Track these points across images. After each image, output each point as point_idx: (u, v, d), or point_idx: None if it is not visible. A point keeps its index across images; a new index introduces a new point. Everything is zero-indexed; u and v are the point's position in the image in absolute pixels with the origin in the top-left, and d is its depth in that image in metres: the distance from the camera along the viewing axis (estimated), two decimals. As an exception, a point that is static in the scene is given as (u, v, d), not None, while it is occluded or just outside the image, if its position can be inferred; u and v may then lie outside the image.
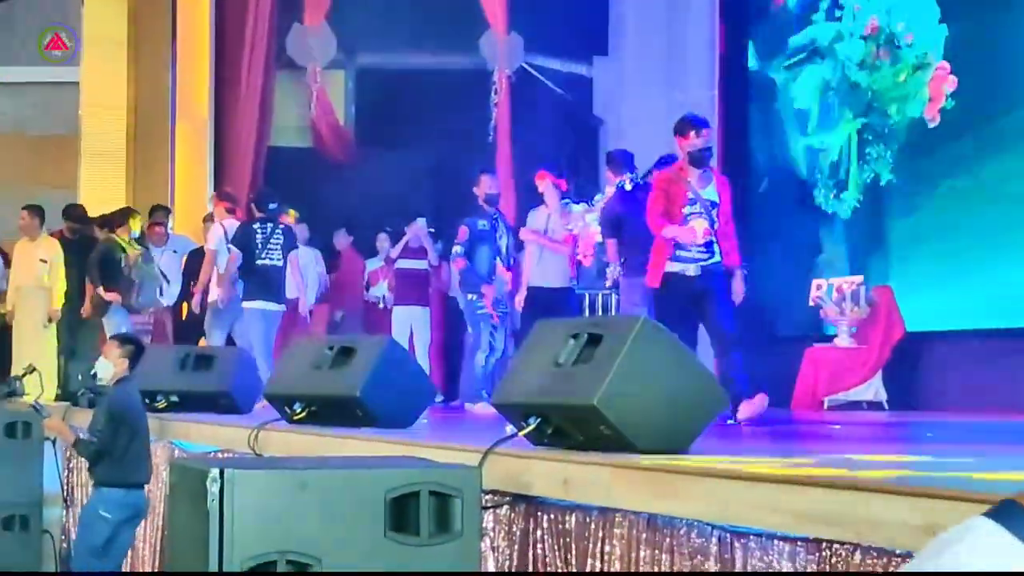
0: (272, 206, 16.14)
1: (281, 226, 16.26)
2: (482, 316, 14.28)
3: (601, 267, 14.42)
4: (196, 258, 16.86)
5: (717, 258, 8.54)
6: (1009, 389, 12.04)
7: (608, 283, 13.98)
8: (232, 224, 16.38)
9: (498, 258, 15.04)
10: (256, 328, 15.52)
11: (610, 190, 12.70)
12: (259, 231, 15.88)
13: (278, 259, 15.89)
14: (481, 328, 14.31)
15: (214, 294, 16.10)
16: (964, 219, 13.27)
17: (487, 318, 14.25)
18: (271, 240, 15.89)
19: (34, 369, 12.95)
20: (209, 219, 16.64)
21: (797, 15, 16.20)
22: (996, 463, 6.90)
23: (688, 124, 8.52)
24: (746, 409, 8.07)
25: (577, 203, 15.28)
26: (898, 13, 14.80)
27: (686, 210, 8.53)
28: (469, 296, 14.71)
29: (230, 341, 15.55)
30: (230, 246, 15.99)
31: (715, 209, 8.47)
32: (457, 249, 15.11)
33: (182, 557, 6.51)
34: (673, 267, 8.44)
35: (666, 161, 13.35)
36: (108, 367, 10.13)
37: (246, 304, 15.76)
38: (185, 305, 17.28)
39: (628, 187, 12.53)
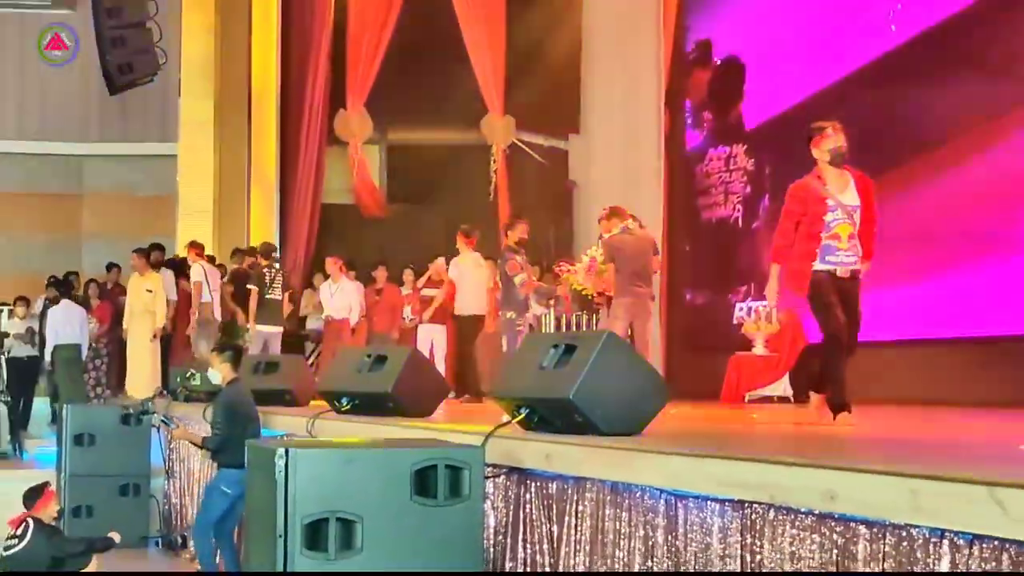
0: (275, 255, 16.31)
1: (282, 269, 16.29)
2: (519, 331, 14.17)
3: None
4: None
5: (859, 265, 7.40)
6: (886, 387, 12.03)
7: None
8: (205, 263, 16.51)
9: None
10: (258, 344, 15.76)
11: (613, 227, 12.52)
12: (266, 273, 15.89)
13: (279, 294, 15.98)
14: (512, 339, 14.21)
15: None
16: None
17: (519, 332, 14.15)
18: (275, 280, 15.96)
19: (163, 392, 12.96)
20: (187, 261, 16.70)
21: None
22: (874, 445, 6.96)
23: (819, 127, 7.28)
24: (847, 419, 7.21)
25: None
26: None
27: (827, 217, 7.24)
28: (509, 314, 14.67)
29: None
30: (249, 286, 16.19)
31: (857, 212, 7.23)
32: (522, 277, 15.08)
33: (257, 517, 6.52)
34: (824, 266, 7.23)
35: (605, 212, 13.35)
36: (216, 374, 10.02)
37: (258, 327, 15.82)
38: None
39: (629, 225, 12.49)
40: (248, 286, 16.05)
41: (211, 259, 17.02)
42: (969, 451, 6.33)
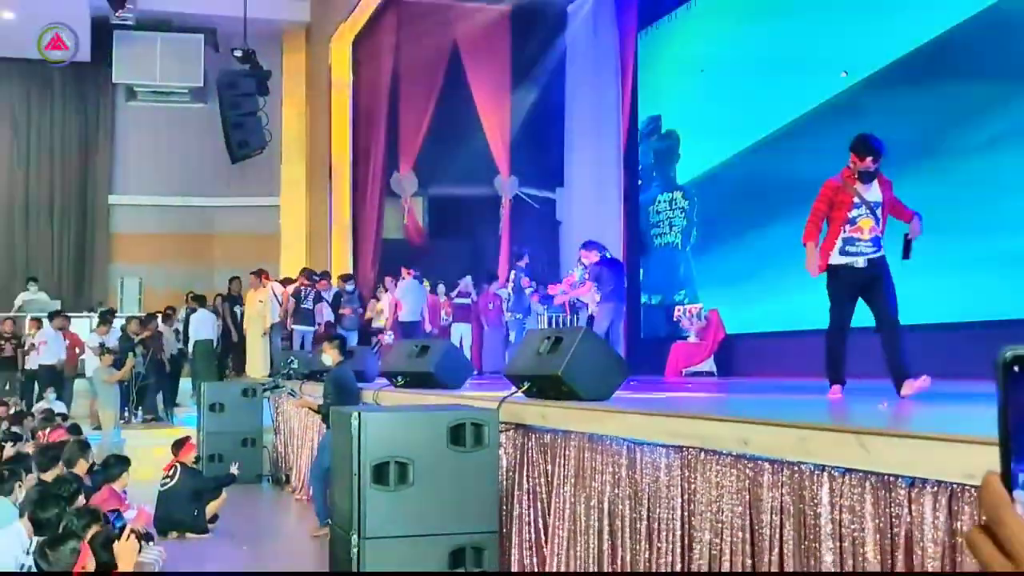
0: (315, 277, 16.53)
1: (315, 289, 16.37)
2: (525, 327, 14.23)
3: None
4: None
5: (882, 252, 6.72)
6: (782, 362, 11.99)
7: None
8: (275, 285, 16.82)
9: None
10: (297, 339, 15.94)
11: (594, 257, 12.51)
12: (302, 290, 15.98)
13: (310, 304, 16.06)
14: (520, 333, 14.33)
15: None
16: (765, 266, 13.20)
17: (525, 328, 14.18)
18: (310, 296, 16.06)
19: (276, 385, 13.04)
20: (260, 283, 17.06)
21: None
22: (775, 401, 6.95)
23: (868, 148, 6.59)
24: (910, 387, 6.36)
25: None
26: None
27: (852, 213, 6.70)
28: (518, 315, 14.96)
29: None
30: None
31: (879, 208, 6.70)
32: (530, 289, 15.53)
33: (340, 461, 6.56)
34: (843, 260, 6.72)
35: (592, 244, 13.31)
36: (328, 357, 9.93)
37: (295, 327, 15.99)
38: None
39: (608, 255, 12.49)
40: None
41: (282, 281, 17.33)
42: (845, 409, 6.33)
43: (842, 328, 6.95)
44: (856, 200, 6.70)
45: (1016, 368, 0.83)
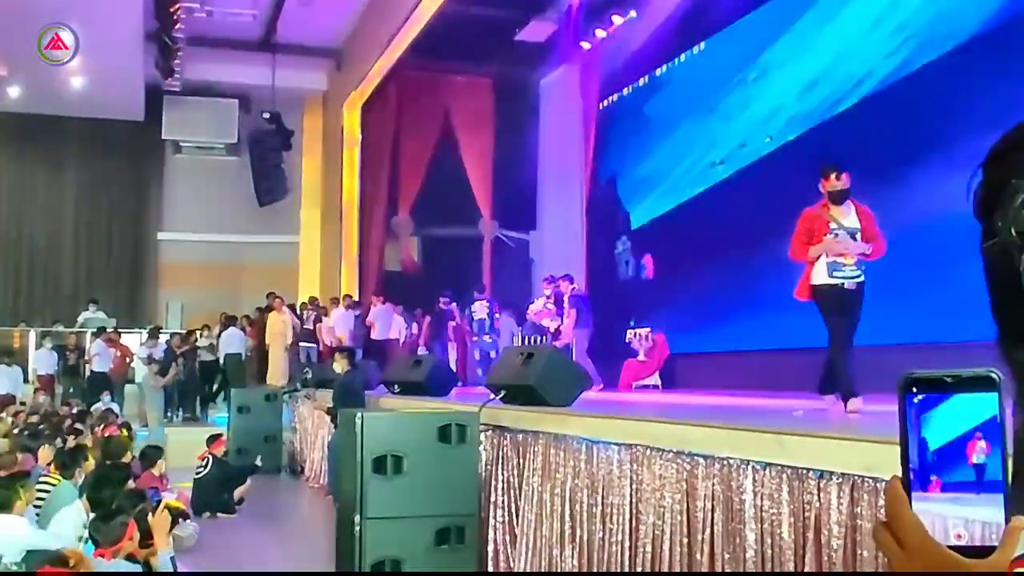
0: (317, 302, 17.01)
1: (317, 312, 16.70)
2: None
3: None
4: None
5: (863, 278, 5.93)
6: (717, 377, 11.99)
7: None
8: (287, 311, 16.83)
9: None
10: (303, 353, 16.09)
11: (568, 288, 12.57)
12: (304, 314, 16.56)
13: (311, 325, 16.47)
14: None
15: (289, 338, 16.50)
16: (702, 297, 13.24)
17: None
18: (311, 318, 16.47)
19: (295, 389, 12.92)
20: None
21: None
22: (709, 408, 6.94)
23: (830, 168, 5.98)
24: (855, 404, 5.68)
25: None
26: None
27: (828, 238, 5.89)
28: (486, 338, 14.77)
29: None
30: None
31: (858, 234, 5.87)
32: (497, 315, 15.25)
33: (345, 454, 6.53)
34: (831, 280, 5.84)
35: (569, 278, 13.33)
36: (339, 366, 9.84)
37: (301, 344, 16.33)
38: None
39: (579, 289, 12.64)
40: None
41: (291, 307, 17.38)
42: (767, 414, 6.35)
43: (843, 340, 6.11)
44: (833, 225, 5.94)
45: (915, 389, 0.84)
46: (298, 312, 17.10)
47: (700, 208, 13.51)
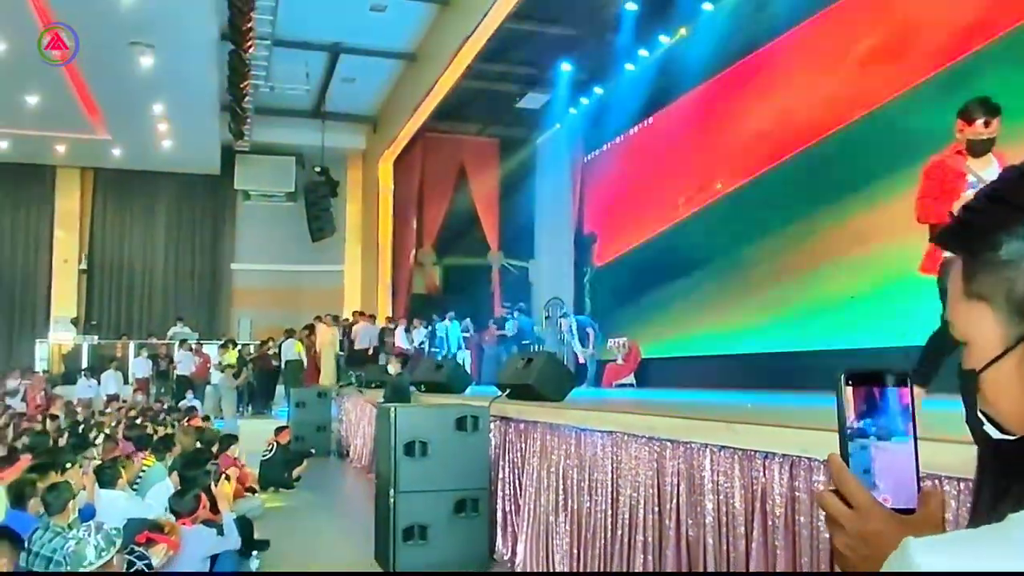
0: (344, 319, 17.00)
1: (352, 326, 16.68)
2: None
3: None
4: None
5: None
6: (681, 377, 11.95)
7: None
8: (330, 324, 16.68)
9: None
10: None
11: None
12: (342, 328, 16.50)
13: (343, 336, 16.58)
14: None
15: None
16: (667, 314, 13.21)
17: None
18: (347, 331, 16.49)
19: (348, 383, 12.76)
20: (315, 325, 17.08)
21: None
22: (676, 401, 6.90)
23: (979, 108, 3.70)
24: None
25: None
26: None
27: (967, 194, 3.58)
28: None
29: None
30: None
31: None
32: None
33: (381, 441, 6.50)
34: None
35: (554, 300, 13.35)
36: (393, 368, 9.72)
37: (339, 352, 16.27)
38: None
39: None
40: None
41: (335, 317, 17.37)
42: (722, 407, 6.30)
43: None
44: (972, 179, 3.75)
45: (850, 382, 0.84)
46: (342, 327, 17.07)
47: (665, 241, 13.52)
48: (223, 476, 5.70)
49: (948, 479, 2.55)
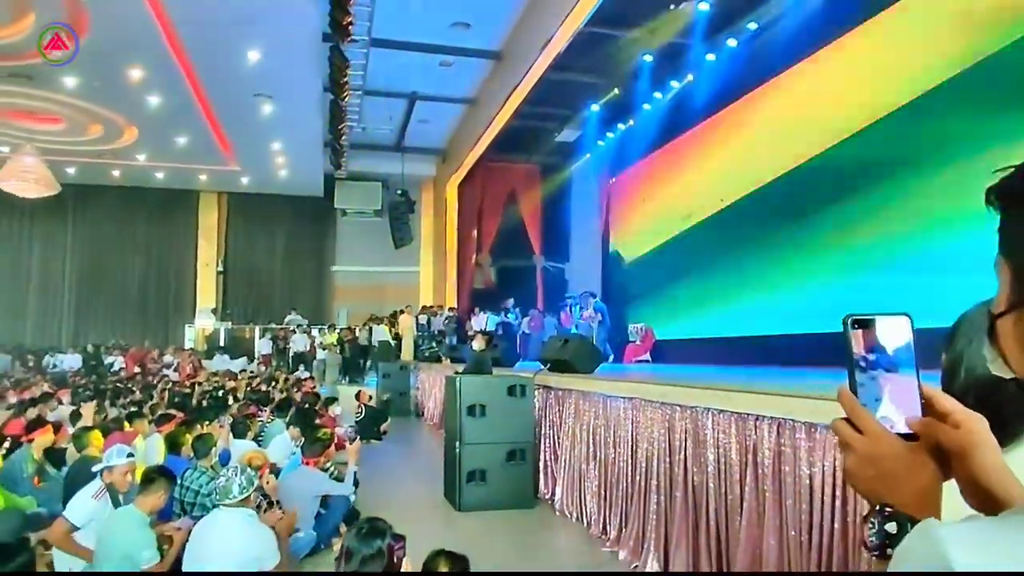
0: (429, 309, 16.70)
1: (428, 315, 16.48)
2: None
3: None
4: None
5: None
6: (691, 355, 11.77)
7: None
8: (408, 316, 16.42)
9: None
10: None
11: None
12: (418, 317, 16.26)
13: (424, 322, 16.23)
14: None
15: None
16: (679, 303, 13.02)
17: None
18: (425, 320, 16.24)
19: (424, 357, 12.70)
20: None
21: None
22: (684, 373, 6.81)
23: None
24: None
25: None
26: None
27: None
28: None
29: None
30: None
31: None
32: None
33: (450, 407, 6.53)
34: None
35: (591, 294, 13.24)
36: (478, 345, 8.76)
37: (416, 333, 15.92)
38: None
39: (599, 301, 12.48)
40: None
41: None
42: (725, 379, 6.22)
43: None
44: None
45: (856, 326, 0.77)
46: (417, 316, 17.09)
47: (678, 247, 13.34)
48: (358, 439, 5.77)
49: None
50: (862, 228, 8.59)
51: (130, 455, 4.20)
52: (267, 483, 4.68)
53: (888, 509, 0.72)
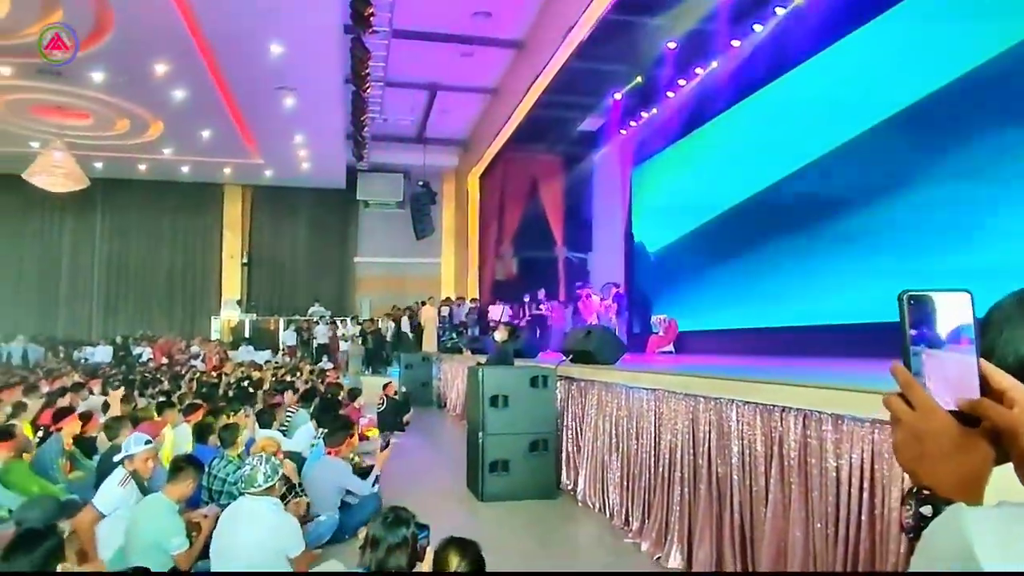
0: (452, 300, 16.72)
1: (450, 307, 16.56)
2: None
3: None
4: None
5: None
6: (713, 346, 11.68)
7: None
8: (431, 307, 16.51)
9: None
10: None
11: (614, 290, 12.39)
12: (441, 308, 16.38)
13: (447, 313, 16.34)
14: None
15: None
16: (700, 295, 12.91)
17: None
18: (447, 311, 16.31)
19: (446, 348, 12.76)
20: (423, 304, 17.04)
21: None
22: (707, 366, 6.75)
23: None
24: None
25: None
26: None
27: None
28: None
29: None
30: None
31: None
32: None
33: (472, 394, 6.55)
34: None
35: (614, 284, 13.16)
36: (500, 336, 8.67)
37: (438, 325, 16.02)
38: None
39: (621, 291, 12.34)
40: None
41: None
42: (746, 369, 6.16)
43: None
44: None
45: (912, 302, 0.75)
46: (441, 307, 17.24)
47: (701, 237, 13.20)
48: (390, 446, 5.79)
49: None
50: (899, 217, 8.21)
51: (148, 442, 4.27)
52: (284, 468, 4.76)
53: (925, 492, 0.71)
